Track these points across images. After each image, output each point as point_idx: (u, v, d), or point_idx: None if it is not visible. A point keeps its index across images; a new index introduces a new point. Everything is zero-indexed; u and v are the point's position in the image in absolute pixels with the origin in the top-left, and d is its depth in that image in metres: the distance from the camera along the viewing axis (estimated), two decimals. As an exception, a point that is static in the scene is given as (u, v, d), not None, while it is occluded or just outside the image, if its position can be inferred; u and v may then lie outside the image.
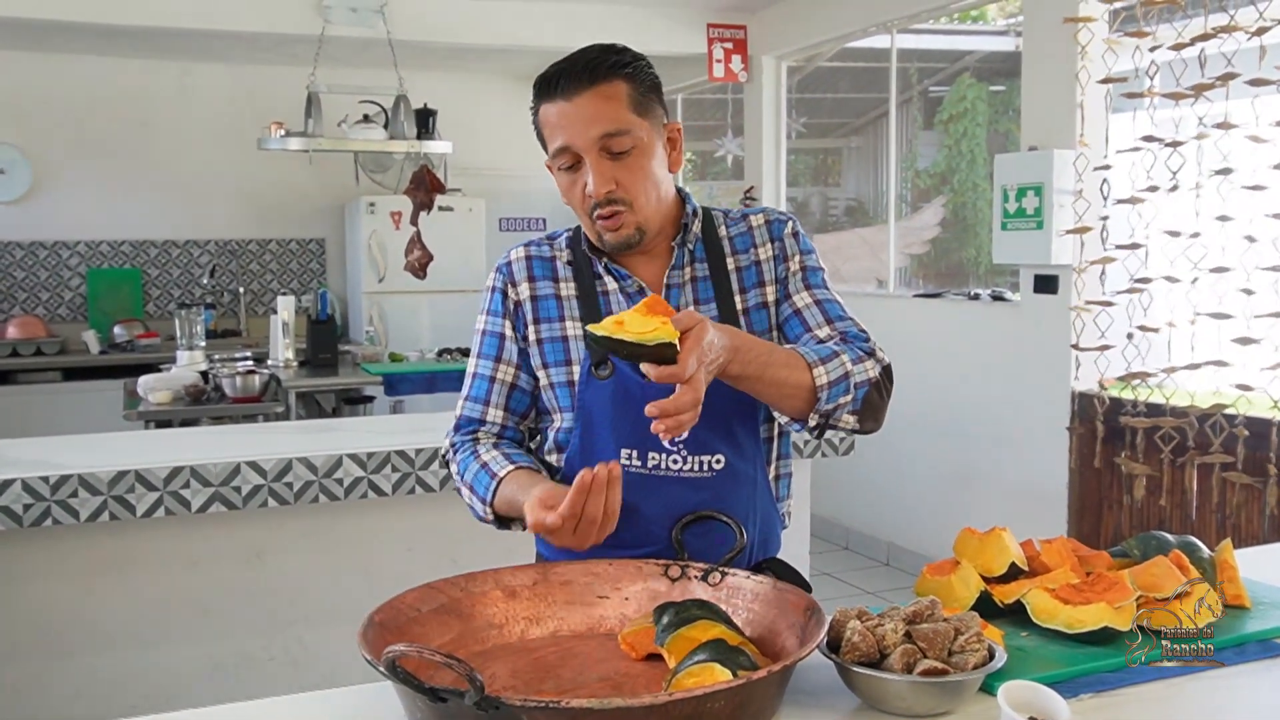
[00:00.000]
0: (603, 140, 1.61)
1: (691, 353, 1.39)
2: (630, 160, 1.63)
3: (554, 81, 1.63)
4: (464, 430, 1.79)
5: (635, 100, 1.63)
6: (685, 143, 1.79)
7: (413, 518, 3.09)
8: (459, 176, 7.30)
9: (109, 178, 7.07)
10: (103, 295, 7.07)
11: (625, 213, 1.65)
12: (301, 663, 2.99)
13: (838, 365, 1.59)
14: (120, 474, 2.65)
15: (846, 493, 5.93)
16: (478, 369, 1.79)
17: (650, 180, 1.66)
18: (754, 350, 1.53)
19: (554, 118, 1.63)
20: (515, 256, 1.79)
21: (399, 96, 5.66)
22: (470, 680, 1.08)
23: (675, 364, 1.38)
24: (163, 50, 6.78)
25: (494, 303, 1.79)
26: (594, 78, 1.61)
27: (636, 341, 1.36)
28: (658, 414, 1.40)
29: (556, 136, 1.64)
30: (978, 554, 1.62)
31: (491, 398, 1.77)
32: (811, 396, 1.58)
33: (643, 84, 1.65)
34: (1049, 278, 4.59)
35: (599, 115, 1.60)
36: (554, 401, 1.75)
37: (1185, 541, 1.67)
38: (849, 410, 1.60)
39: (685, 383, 1.39)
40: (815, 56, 6.88)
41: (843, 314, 1.72)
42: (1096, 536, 4.42)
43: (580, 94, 1.61)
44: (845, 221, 8.06)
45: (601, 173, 1.62)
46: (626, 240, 1.67)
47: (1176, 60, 3.96)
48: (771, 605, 1.46)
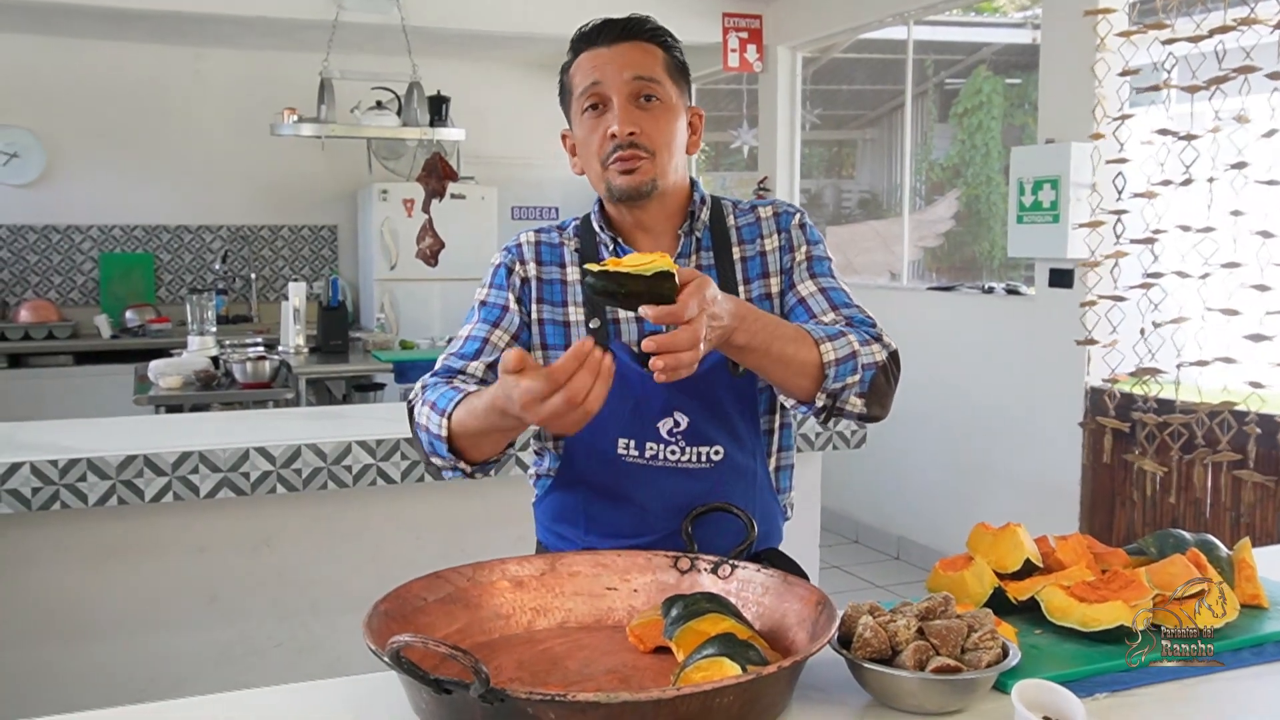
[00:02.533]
0: (634, 84, 1.64)
1: (692, 296, 1.33)
2: (657, 111, 1.66)
3: (593, 33, 1.68)
4: (440, 374, 1.70)
5: (669, 65, 1.69)
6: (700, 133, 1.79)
7: (422, 506, 3.08)
8: (471, 164, 7.29)
9: (122, 162, 7.07)
10: (115, 280, 7.08)
11: (645, 159, 1.64)
12: (309, 650, 2.99)
13: (845, 344, 1.55)
14: (129, 458, 2.64)
15: (857, 486, 5.91)
16: (472, 331, 1.73)
17: (672, 139, 1.68)
18: (760, 321, 1.49)
19: (588, 62, 1.67)
20: (525, 240, 1.78)
21: (412, 83, 5.65)
22: (475, 672, 1.07)
23: (674, 304, 1.33)
24: (176, 35, 6.77)
25: (498, 277, 1.76)
26: (634, 34, 1.68)
27: (632, 272, 1.32)
28: (654, 349, 1.33)
29: (589, 76, 1.66)
30: (991, 550, 1.60)
31: (480, 356, 1.69)
32: (819, 374, 1.53)
33: (675, 58, 1.71)
34: (1064, 271, 4.56)
35: (635, 61, 1.65)
36: None
37: (1203, 540, 1.65)
38: (856, 392, 1.55)
39: (685, 324, 1.33)
40: (831, 47, 6.84)
41: (848, 301, 1.69)
42: (1109, 533, 4.39)
43: (620, 43, 1.67)
44: (859, 214, 8.02)
45: (628, 114, 1.64)
46: (639, 186, 1.64)
47: (1195, 53, 3.92)
48: (782, 599, 1.44)
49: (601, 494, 1.70)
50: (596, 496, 1.71)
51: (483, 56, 7.57)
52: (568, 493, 1.75)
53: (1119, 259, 4.21)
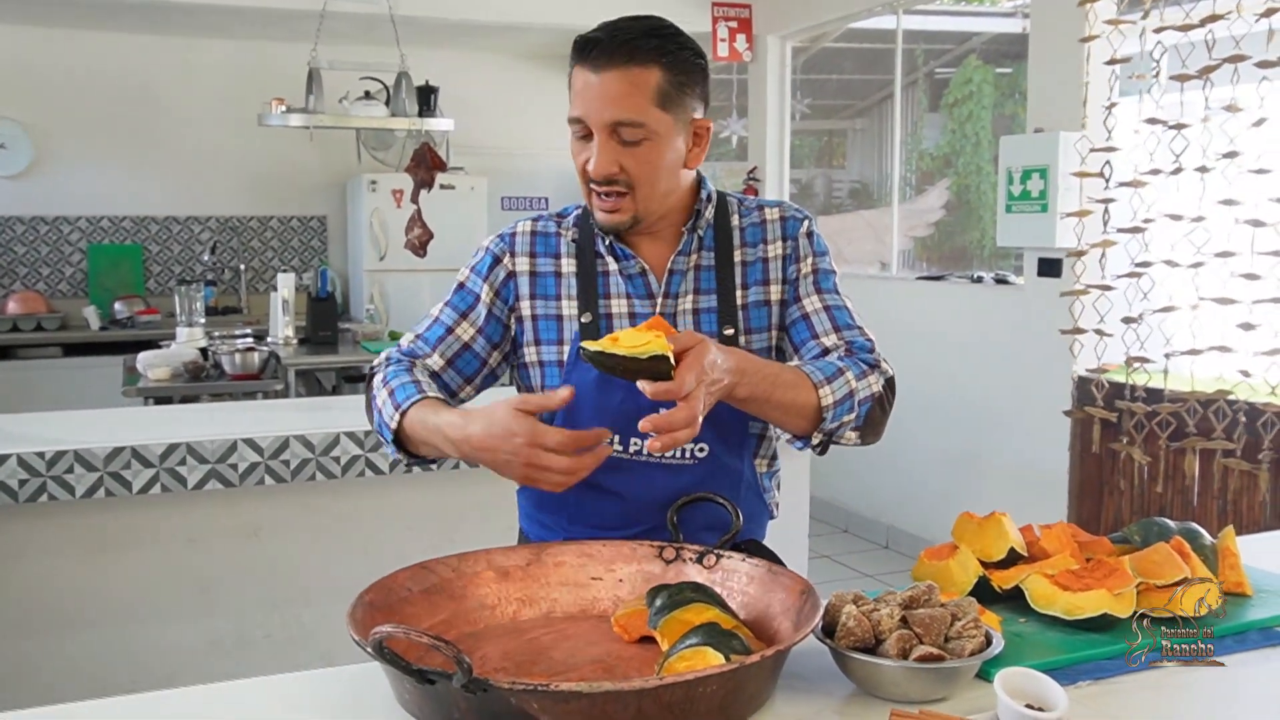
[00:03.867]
0: (613, 126, 1.57)
1: (690, 370, 1.38)
2: (640, 150, 1.59)
3: (590, 47, 1.58)
4: (405, 353, 1.74)
5: (663, 91, 1.58)
6: None
7: (410, 497, 3.08)
8: (461, 155, 7.27)
9: (110, 153, 7.04)
10: (103, 271, 7.05)
11: (624, 198, 1.61)
12: (299, 641, 2.98)
13: (842, 384, 1.57)
14: (116, 450, 2.63)
15: (846, 475, 5.92)
16: (440, 315, 1.75)
17: (658, 172, 1.62)
18: (760, 372, 1.51)
19: (578, 84, 1.60)
20: (520, 230, 1.76)
21: (401, 73, 5.63)
22: (458, 662, 1.07)
23: (671, 380, 1.37)
24: (165, 25, 6.74)
25: (482, 263, 1.75)
26: (630, 58, 1.56)
27: (629, 355, 1.37)
28: (651, 429, 1.38)
29: (575, 105, 1.61)
30: (976, 538, 1.61)
31: (440, 347, 1.73)
32: (816, 416, 1.57)
33: (679, 73, 1.60)
34: (1053, 261, 4.57)
35: (618, 100, 1.56)
36: (539, 380, 1.73)
37: (1187, 528, 1.66)
38: (852, 427, 1.60)
39: (683, 399, 1.37)
40: (821, 37, 6.83)
41: (850, 322, 1.70)
42: (1096, 522, 4.41)
43: (608, 70, 1.56)
44: (849, 204, 8.02)
45: (607, 154, 1.58)
46: (617, 225, 1.65)
47: (1184, 42, 3.92)
48: (767, 588, 1.45)
49: (585, 485, 1.69)
50: (580, 487, 1.70)
51: (471, 46, 7.55)
52: None
53: (1106, 248, 4.21)
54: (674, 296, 1.70)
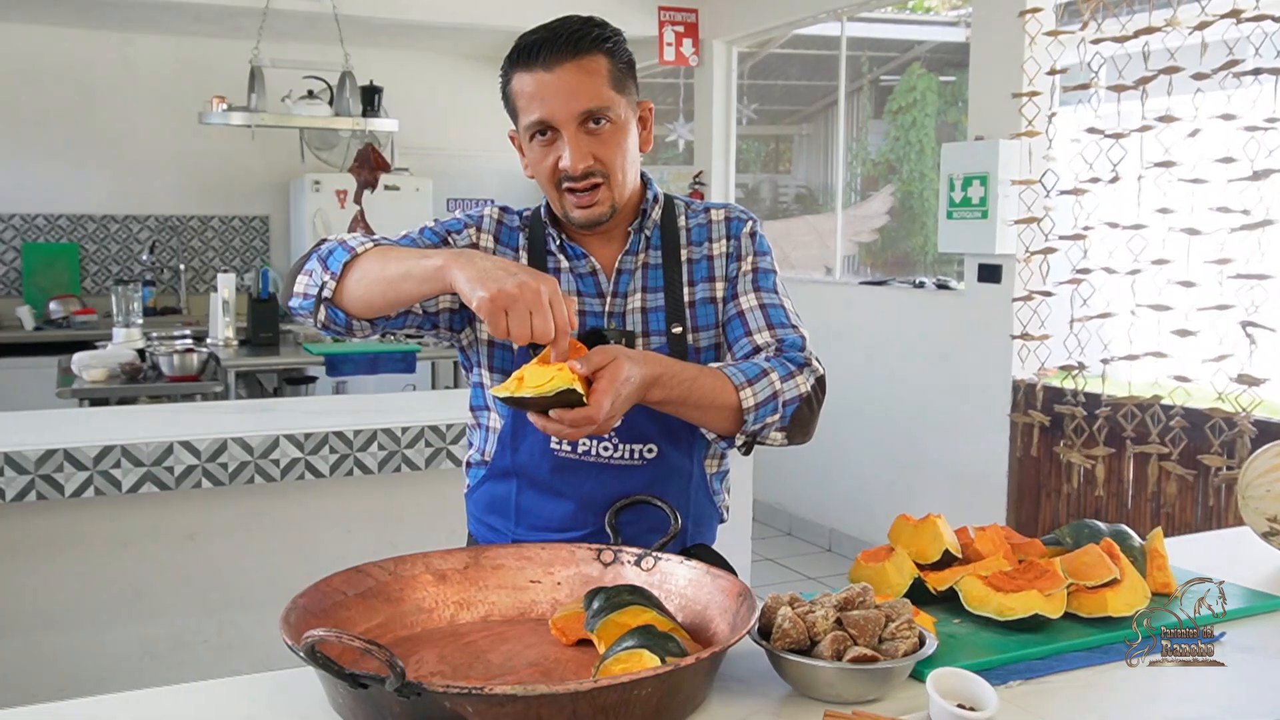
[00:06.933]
0: (583, 116, 1.57)
1: (605, 394, 1.40)
2: (607, 136, 1.60)
3: (534, 50, 1.57)
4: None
5: (614, 76, 1.60)
6: None
7: (351, 500, 3.05)
8: (405, 155, 7.21)
9: (46, 150, 6.90)
10: (38, 270, 6.91)
11: (599, 189, 1.61)
12: (235, 646, 2.95)
13: (766, 385, 1.58)
14: (48, 452, 2.58)
15: (789, 478, 5.96)
16: (411, 235, 1.70)
17: (626, 156, 1.64)
18: (677, 378, 1.53)
19: (531, 88, 1.58)
20: (489, 213, 1.75)
21: (345, 73, 5.58)
22: (391, 666, 1.06)
23: (586, 405, 1.39)
24: (103, 20, 6.62)
25: (454, 223, 1.73)
26: (577, 50, 1.57)
27: (537, 396, 1.39)
28: (552, 434, 1.44)
29: (533, 109, 1.58)
30: (912, 540, 1.62)
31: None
32: (739, 417, 1.58)
33: (621, 60, 1.63)
34: (993, 267, 4.63)
35: (581, 90, 1.57)
36: (484, 359, 1.73)
37: (1117, 530, 1.69)
38: (777, 428, 1.60)
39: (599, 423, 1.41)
40: (767, 42, 6.87)
41: (785, 320, 1.70)
42: (1034, 524, 4.47)
43: (562, 65, 1.56)
44: (795, 209, 8.07)
45: (580, 147, 1.58)
46: (598, 218, 1.64)
47: (1121, 54, 4.00)
48: (704, 591, 1.45)
49: (533, 487, 1.70)
50: (528, 489, 1.71)
51: (416, 46, 7.50)
52: (499, 484, 1.74)
53: (1047, 255, 4.28)
54: (622, 295, 1.71)
